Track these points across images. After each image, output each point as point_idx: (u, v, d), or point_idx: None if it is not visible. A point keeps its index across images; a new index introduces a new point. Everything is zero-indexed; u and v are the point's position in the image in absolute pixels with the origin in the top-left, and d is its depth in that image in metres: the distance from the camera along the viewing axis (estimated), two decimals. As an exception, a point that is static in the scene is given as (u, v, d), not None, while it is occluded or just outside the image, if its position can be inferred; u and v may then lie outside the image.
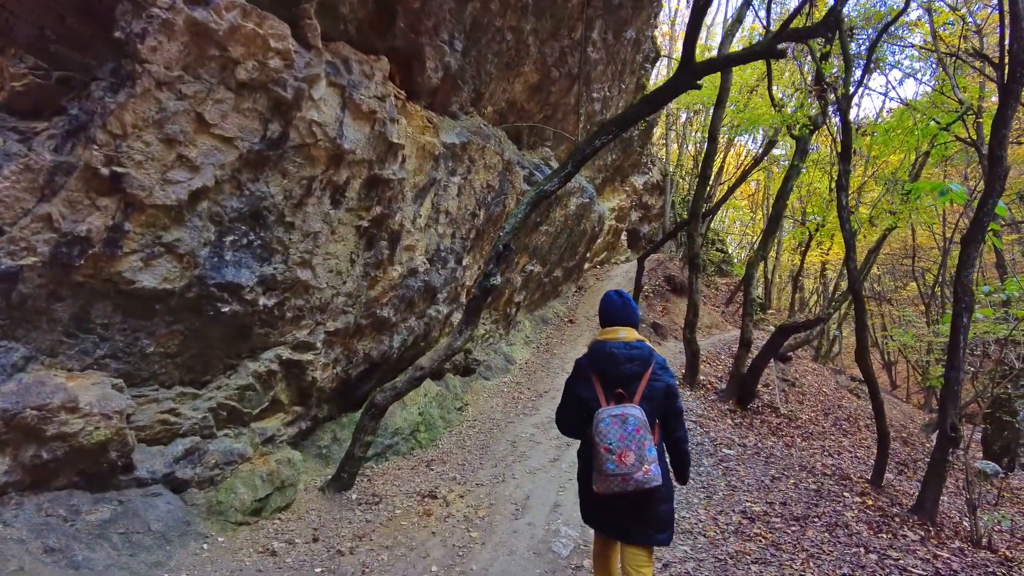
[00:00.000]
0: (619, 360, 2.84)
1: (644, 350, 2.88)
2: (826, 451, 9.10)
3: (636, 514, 2.83)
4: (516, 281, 10.68)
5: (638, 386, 2.81)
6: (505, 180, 7.70)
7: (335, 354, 5.93)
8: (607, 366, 2.86)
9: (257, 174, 4.61)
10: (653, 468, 2.67)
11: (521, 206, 5.16)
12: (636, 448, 2.64)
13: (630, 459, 2.63)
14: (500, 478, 6.02)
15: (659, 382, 2.86)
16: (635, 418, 2.68)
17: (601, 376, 2.87)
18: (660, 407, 2.87)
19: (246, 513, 5.01)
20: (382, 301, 6.20)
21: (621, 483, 2.65)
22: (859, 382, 17.92)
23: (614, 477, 2.65)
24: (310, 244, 5.19)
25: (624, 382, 2.82)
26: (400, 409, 6.96)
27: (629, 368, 2.83)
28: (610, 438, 2.66)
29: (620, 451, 2.64)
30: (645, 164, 16.59)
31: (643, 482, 2.65)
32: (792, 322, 9.69)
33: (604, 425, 2.69)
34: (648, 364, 2.86)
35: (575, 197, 11.34)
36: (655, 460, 2.69)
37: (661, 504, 2.86)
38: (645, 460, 2.64)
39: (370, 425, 5.52)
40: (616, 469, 2.64)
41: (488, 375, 10.20)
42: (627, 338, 2.90)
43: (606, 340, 2.91)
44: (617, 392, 2.81)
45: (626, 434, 2.65)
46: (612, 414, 2.70)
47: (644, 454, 2.65)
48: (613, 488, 2.68)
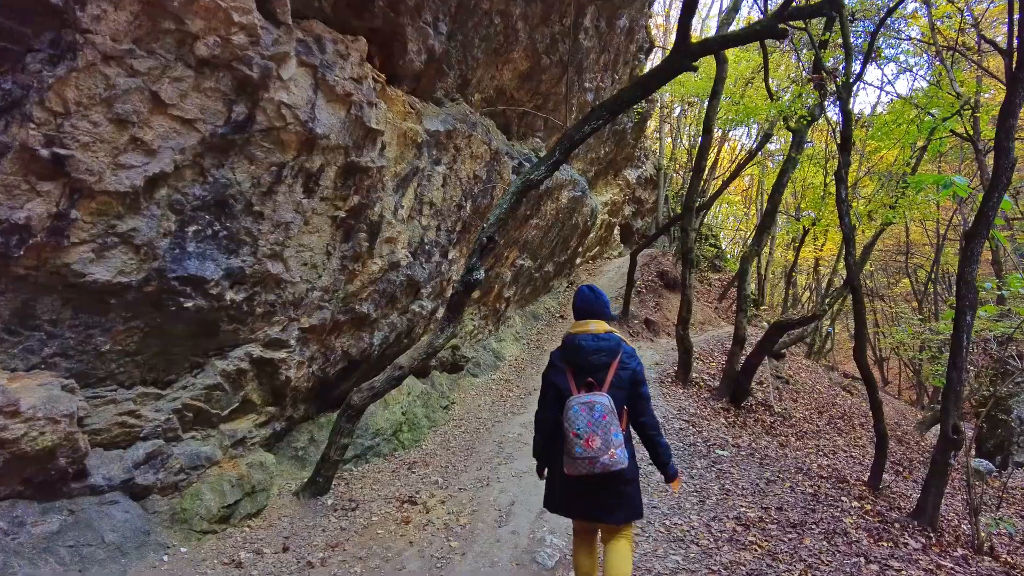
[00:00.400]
0: (588, 351, 3.03)
1: (612, 341, 3.08)
2: (821, 451, 8.86)
3: (603, 496, 2.99)
4: (506, 276, 10.37)
5: (606, 375, 3.01)
6: (493, 170, 7.38)
7: (311, 352, 5.61)
8: (577, 357, 3.05)
9: (222, 159, 4.27)
10: (619, 452, 2.84)
11: (506, 196, 4.85)
12: (602, 433, 2.82)
13: (596, 443, 2.80)
14: (484, 482, 5.73)
15: (626, 370, 3.04)
16: (601, 405, 2.86)
17: (573, 367, 3.07)
18: (628, 394, 3.04)
19: (213, 521, 4.69)
20: (361, 296, 5.88)
21: (588, 465, 2.83)
22: (853, 379, 17.74)
23: (582, 460, 2.83)
24: (281, 235, 4.86)
25: (593, 371, 3.01)
26: (382, 409, 6.65)
27: (597, 359, 3.02)
28: (578, 424, 2.84)
29: (587, 436, 2.81)
30: (639, 158, 16.29)
31: (609, 464, 2.82)
32: (787, 318, 9.44)
33: (573, 412, 2.87)
34: (616, 354, 3.05)
35: (567, 190, 11.04)
36: (621, 444, 2.86)
37: (627, 486, 3.03)
38: (611, 444, 2.82)
39: (346, 427, 5.21)
40: (584, 453, 2.81)
41: (477, 372, 9.90)
42: (596, 330, 3.09)
43: (577, 333, 3.12)
44: (587, 381, 2.99)
45: (593, 420, 2.83)
46: (580, 401, 2.89)
47: (610, 439, 2.82)
48: (581, 470, 2.85)
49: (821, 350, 19.58)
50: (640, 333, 12.41)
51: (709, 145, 9.43)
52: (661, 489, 5.82)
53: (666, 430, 7.61)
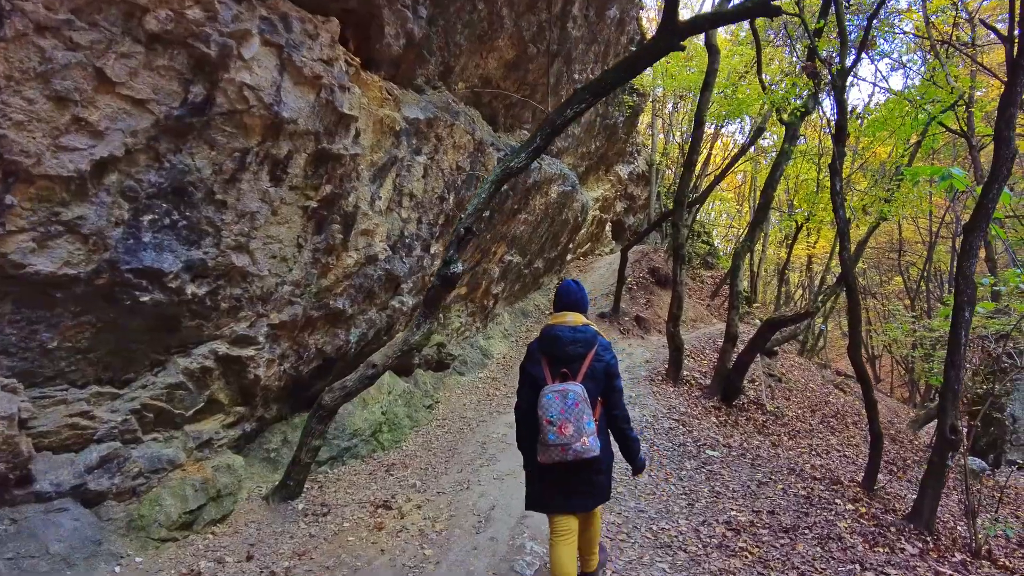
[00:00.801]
0: (564, 342, 3.05)
1: (588, 333, 3.10)
2: (814, 451, 8.64)
3: (576, 485, 3.05)
4: (494, 272, 10.10)
5: (581, 366, 3.02)
6: (477, 162, 7.10)
7: (281, 349, 5.33)
8: (554, 348, 3.07)
9: (179, 144, 3.98)
10: (591, 440, 2.86)
11: (485, 185, 4.58)
12: (575, 421, 2.83)
13: (569, 430, 2.82)
14: (464, 485, 5.46)
15: (600, 362, 3.06)
16: (575, 393, 2.87)
17: (549, 357, 3.08)
18: (601, 385, 3.06)
19: (173, 528, 4.41)
20: (336, 291, 5.60)
21: (561, 452, 2.84)
22: (845, 377, 17.54)
23: (555, 447, 2.84)
24: (246, 226, 4.57)
25: (569, 362, 3.03)
26: (360, 409, 6.38)
27: (573, 349, 3.04)
28: (551, 411, 2.85)
29: (560, 423, 2.82)
30: (631, 153, 16.03)
31: (581, 452, 2.84)
32: (780, 315, 9.20)
33: (547, 400, 2.88)
34: (592, 346, 3.07)
35: (556, 184, 10.77)
36: (593, 433, 2.88)
37: (599, 475, 3.09)
38: (583, 432, 2.84)
39: (318, 428, 4.94)
40: (556, 440, 2.82)
41: (463, 370, 9.63)
42: (574, 322, 3.12)
43: (555, 324, 3.15)
44: (562, 371, 3.01)
45: (566, 407, 2.84)
46: (554, 390, 2.90)
47: (582, 427, 2.84)
48: (554, 457, 2.86)
49: (814, 348, 19.40)
50: (631, 330, 12.16)
51: (701, 138, 9.18)
52: (648, 492, 5.58)
53: (655, 430, 7.37)
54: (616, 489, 5.54)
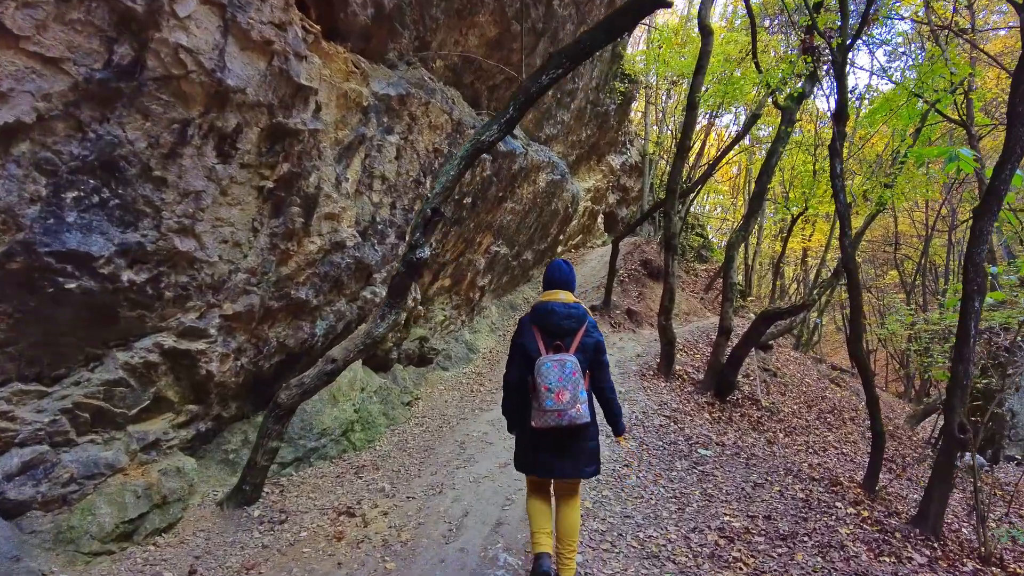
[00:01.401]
0: (559, 316, 3.19)
1: (580, 310, 3.25)
2: (811, 448, 8.24)
3: (568, 450, 3.16)
4: (479, 263, 9.65)
5: (573, 339, 3.17)
6: (456, 144, 6.64)
7: (237, 342, 4.87)
8: (548, 321, 3.19)
9: (105, 112, 3.52)
10: (584, 407, 3.03)
11: (453, 161, 4.12)
12: (571, 388, 2.99)
13: (566, 397, 2.98)
14: (437, 489, 5.02)
15: (590, 338, 3.22)
16: (572, 363, 3.04)
17: (542, 330, 3.20)
18: (590, 359, 3.21)
19: (109, 539, 3.96)
20: (298, 280, 5.15)
21: (557, 418, 2.99)
22: (841, 371, 17.15)
23: (551, 412, 2.98)
24: (191, 206, 4.11)
25: (561, 336, 3.17)
26: (330, 407, 5.93)
27: (567, 324, 3.18)
28: (550, 379, 2.99)
29: (558, 390, 2.97)
30: (623, 143, 15.57)
31: (575, 418, 3.00)
32: (776, 308, 8.79)
33: (546, 368, 3.02)
34: (583, 322, 3.22)
35: (545, 173, 10.31)
36: (586, 401, 3.07)
37: (589, 442, 3.21)
38: (578, 400, 3.00)
39: (274, 429, 4.49)
40: (554, 405, 2.97)
41: (447, 365, 9.19)
42: (566, 300, 3.26)
43: (548, 300, 3.26)
44: (556, 344, 3.15)
45: (564, 376, 2.99)
46: (553, 359, 3.05)
47: (577, 394, 3.00)
48: (550, 422, 3.00)
49: (809, 342, 19.02)
50: (622, 324, 11.72)
51: (694, 123, 8.75)
52: (636, 495, 5.15)
53: (645, 427, 6.94)
54: (600, 492, 5.12)
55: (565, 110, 10.55)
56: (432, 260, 7.72)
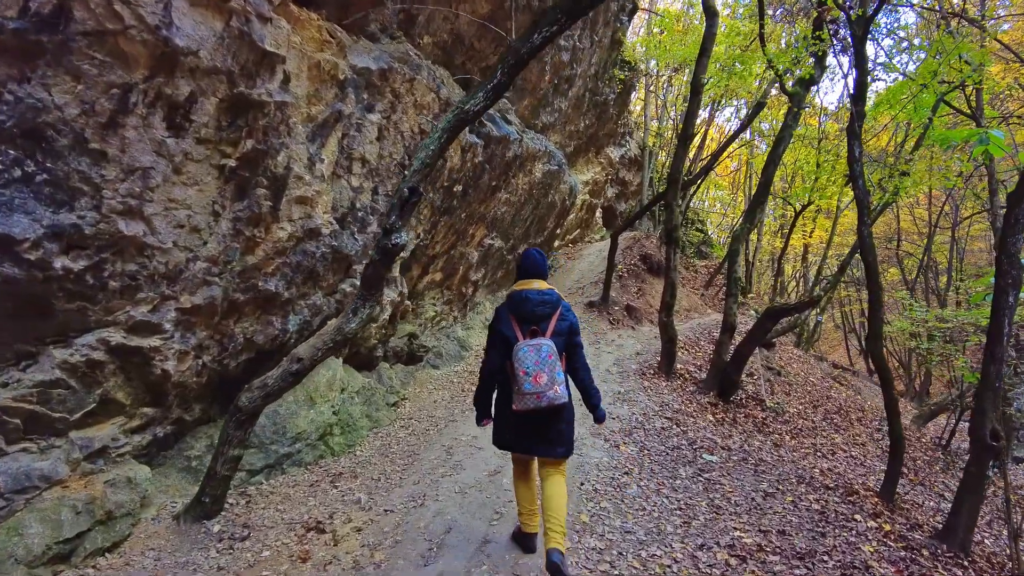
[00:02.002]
0: (533, 303, 3.24)
1: (553, 296, 3.31)
2: (819, 451, 7.76)
3: (546, 431, 3.22)
4: (472, 257, 9.15)
5: (548, 324, 3.23)
6: (443, 126, 6.13)
7: (198, 339, 4.37)
8: (523, 309, 3.25)
9: (25, 71, 3.01)
10: (561, 388, 3.09)
11: (434, 135, 3.63)
12: (548, 371, 3.05)
13: (543, 379, 3.03)
14: (419, 500, 4.52)
15: (565, 321, 3.29)
16: (548, 346, 3.10)
17: (518, 317, 3.26)
18: (565, 341, 3.28)
19: (39, 563, 3.46)
20: (266, 270, 4.64)
21: (536, 400, 3.04)
22: (842, 370, 16.70)
23: (530, 395, 3.04)
24: (137, 185, 3.60)
25: (537, 321, 3.22)
26: (306, 408, 5.43)
27: (541, 310, 3.24)
28: (527, 363, 3.05)
29: (536, 373, 3.03)
30: (622, 135, 15.05)
31: (553, 399, 3.05)
32: (782, 304, 8.31)
33: (523, 353, 3.08)
34: (556, 307, 3.29)
35: (541, 163, 9.80)
36: (563, 382, 3.13)
37: (564, 424, 3.26)
38: (555, 381, 3.06)
39: (236, 435, 3.99)
40: (532, 388, 3.03)
41: (437, 363, 8.70)
42: (540, 287, 3.30)
43: (522, 289, 3.31)
44: (532, 329, 3.20)
45: (540, 359, 3.05)
46: (529, 344, 3.10)
47: (555, 376, 3.06)
48: (530, 405, 3.06)
49: (810, 339, 18.56)
50: (621, 321, 11.23)
51: (697, 109, 8.26)
52: (637, 507, 4.67)
53: (646, 430, 6.46)
54: (599, 504, 4.63)
55: (563, 97, 10.04)
56: (421, 252, 7.22)
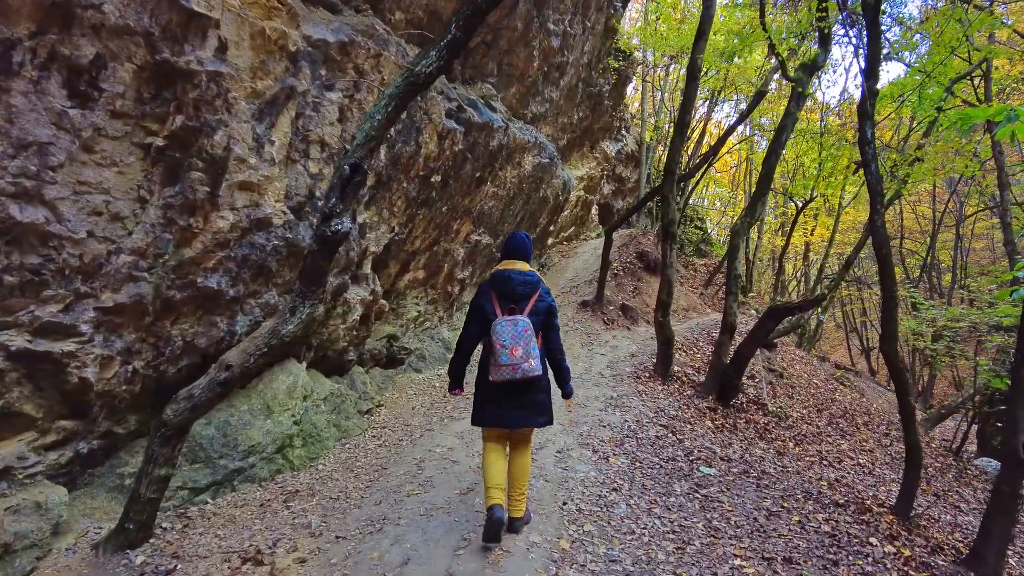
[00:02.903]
0: (514, 282, 3.42)
1: (534, 277, 3.50)
2: (825, 460, 7.19)
3: (522, 401, 3.40)
4: (458, 254, 8.59)
5: (527, 303, 3.43)
6: (416, 107, 5.57)
7: (124, 342, 3.81)
8: (504, 286, 3.42)
9: None
10: (535, 362, 3.29)
11: (380, 103, 3.07)
12: (524, 344, 3.25)
13: (519, 352, 3.23)
14: (377, 524, 3.96)
15: (543, 302, 3.48)
16: (524, 322, 3.29)
17: (499, 294, 3.43)
18: (543, 321, 3.48)
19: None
20: (206, 265, 4.08)
21: (511, 372, 3.24)
22: (845, 370, 16.12)
23: (506, 366, 3.23)
24: (33, 163, 3.05)
25: (516, 300, 3.41)
26: (261, 418, 4.87)
27: (521, 289, 3.43)
28: (504, 336, 3.25)
29: (511, 346, 3.23)
30: (618, 130, 14.47)
31: (528, 371, 3.25)
32: (785, 303, 7.73)
33: (500, 327, 3.27)
34: (536, 288, 3.48)
35: (531, 155, 9.24)
36: (538, 356, 3.32)
37: (540, 394, 3.47)
38: (530, 355, 3.26)
39: (162, 452, 3.43)
40: (508, 360, 3.23)
41: (420, 366, 8.14)
42: (522, 268, 3.51)
43: (506, 268, 3.49)
44: (510, 307, 3.39)
45: (516, 333, 3.25)
46: (507, 319, 3.30)
47: (530, 350, 3.26)
48: (505, 376, 3.25)
49: (812, 340, 17.98)
50: (615, 321, 10.65)
51: (694, 96, 7.71)
52: (626, 529, 4.10)
53: (639, 439, 5.89)
54: (582, 527, 4.06)
55: (554, 87, 9.47)
56: (398, 248, 6.66)
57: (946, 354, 10.01)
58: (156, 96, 3.44)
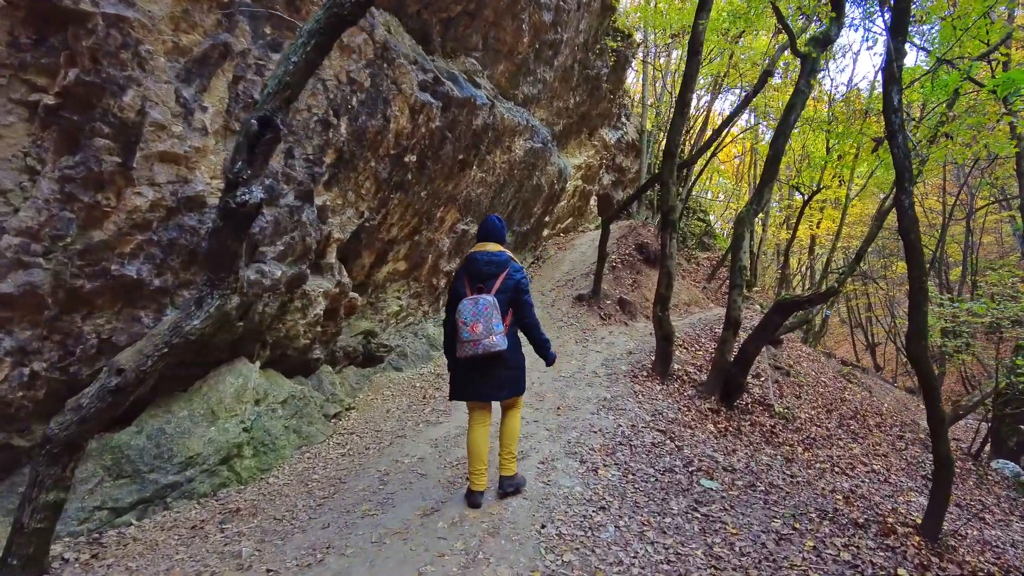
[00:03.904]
0: (482, 263, 3.57)
1: (502, 257, 3.61)
2: (837, 467, 6.55)
3: (488, 376, 3.53)
4: (443, 244, 7.95)
5: (495, 282, 3.54)
6: (382, 76, 4.91)
7: (17, 340, 3.19)
8: (472, 268, 3.59)
9: None
10: (498, 339, 3.39)
11: (298, 42, 2.42)
12: (484, 322, 3.36)
13: (479, 329, 3.35)
14: (319, 554, 3.33)
15: (511, 280, 3.58)
16: (485, 300, 3.41)
17: (469, 275, 3.60)
18: (511, 298, 3.58)
19: None
20: (122, 250, 3.45)
21: (472, 347, 3.37)
22: (852, 367, 15.43)
23: (468, 343, 3.37)
24: None
25: (484, 279, 3.55)
26: (203, 425, 4.25)
27: (487, 268, 3.57)
28: (465, 314, 3.39)
29: (472, 323, 3.36)
30: (618, 117, 13.76)
31: (489, 347, 3.37)
32: (793, 297, 7.07)
33: (462, 306, 3.42)
34: (504, 267, 3.59)
35: (521, 138, 8.58)
36: (501, 333, 3.42)
37: (508, 370, 3.59)
38: (492, 332, 3.37)
39: (50, 473, 2.81)
40: (469, 336, 3.36)
41: (401, 364, 7.51)
42: (492, 249, 3.62)
43: (476, 251, 3.64)
44: (478, 286, 3.54)
45: (477, 311, 3.38)
46: (469, 299, 3.44)
47: (491, 327, 3.37)
48: (467, 352, 3.39)
49: (818, 335, 17.27)
50: (613, 316, 9.99)
51: (696, 72, 7.03)
52: (613, 559, 3.47)
53: (633, 447, 5.25)
54: (561, 557, 3.43)
55: (547, 67, 8.79)
56: (371, 236, 6.03)
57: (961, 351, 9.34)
58: (40, 43, 2.81)
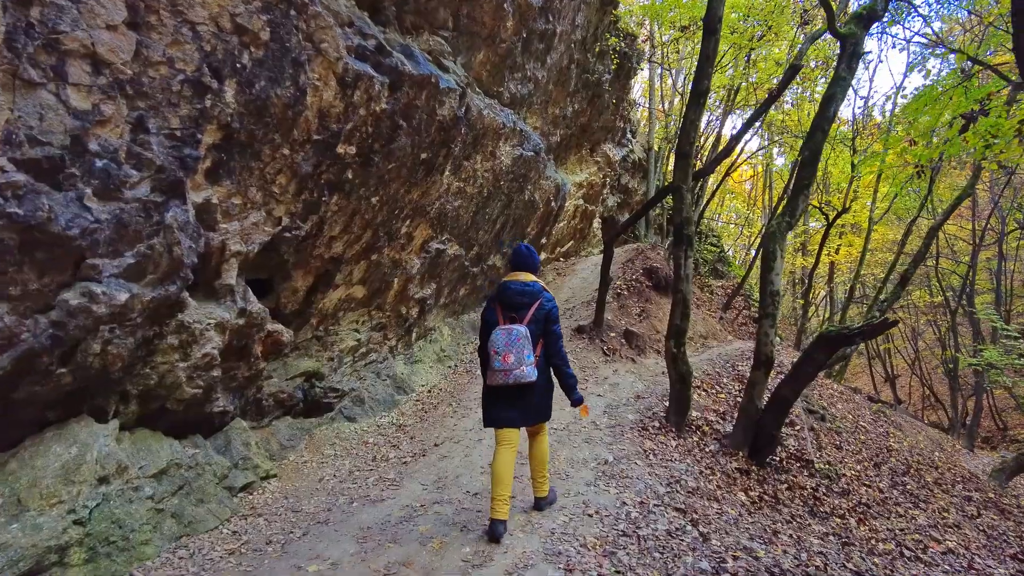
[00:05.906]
0: (515, 293, 3.54)
1: (535, 287, 3.56)
2: (904, 546, 4.95)
3: (516, 403, 3.50)
4: (412, 265, 6.53)
5: (527, 312, 3.51)
6: (288, 27, 3.55)
7: None
8: (505, 297, 3.56)
9: None
10: (528, 369, 3.37)
11: None
12: (516, 352, 3.34)
13: (510, 359, 3.34)
14: None
15: (542, 310, 3.54)
16: (518, 331, 3.38)
17: (502, 305, 3.57)
18: (542, 328, 3.55)
19: None
20: None
21: (504, 377, 3.36)
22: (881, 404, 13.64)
23: (499, 372, 3.36)
24: None
25: (516, 309, 3.53)
26: (2, 519, 2.79)
27: (519, 299, 3.53)
28: (498, 344, 3.37)
29: (504, 353, 3.35)
30: (623, 133, 12.44)
31: (520, 377, 3.35)
32: (842, 328, 5.53)
33: (496, 335, 3.40)
34: (536, 298, 3.56)
35: (509, 144, 7.20)
36: (532, 364, 3.40)
37: (537, 397, 3.55)
38: (523, 362, 3.35)
39: None
40: (500, 366, 3.35)
41: (355, 413, 6.01)
42: (525, 279, 3.58)
43: (509, 280, 3.60)
44: (511, 316, 3.53)
45: (510, 341, 3.36)
46: (502, 328, 3.41)
47: (522, 357, 3.35)
48: (498, 380, 3.38)
49: (843, 370, 15.52)
50: (617, 351, 8.42)
51: (714, 54, 5.65)
52: None
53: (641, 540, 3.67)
54: None
55: (538, 62, 7.48)
56: (302, 250, 4.61)
57: None
58: None
